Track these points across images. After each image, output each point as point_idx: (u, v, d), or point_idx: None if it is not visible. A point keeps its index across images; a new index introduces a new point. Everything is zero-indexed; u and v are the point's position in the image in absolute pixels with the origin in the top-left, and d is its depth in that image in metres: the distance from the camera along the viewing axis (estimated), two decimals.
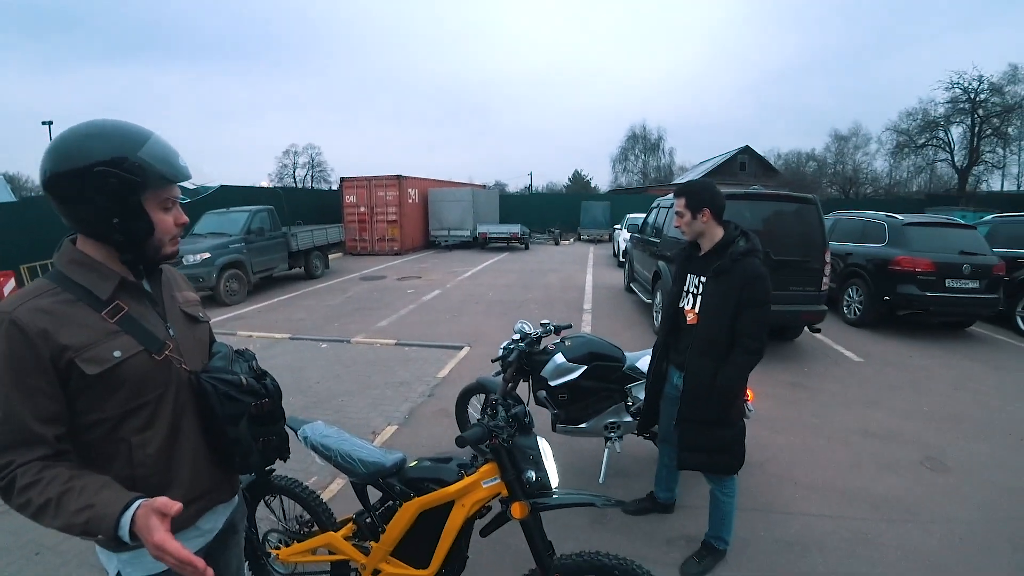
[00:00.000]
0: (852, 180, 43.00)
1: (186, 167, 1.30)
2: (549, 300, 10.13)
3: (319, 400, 5.19)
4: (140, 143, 1.21)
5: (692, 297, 2.68)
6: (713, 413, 2.53)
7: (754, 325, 2.45)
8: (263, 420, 1.46)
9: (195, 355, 1.43)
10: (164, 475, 1.31)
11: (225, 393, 1.35)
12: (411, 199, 20.65)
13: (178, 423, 1.34)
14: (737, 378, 2.49)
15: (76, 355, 1.16)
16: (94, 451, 1.25)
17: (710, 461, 2.62)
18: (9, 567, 2.90)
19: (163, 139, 1.28)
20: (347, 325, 8.38)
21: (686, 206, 2.61)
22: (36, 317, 1.15)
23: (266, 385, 1.48)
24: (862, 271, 8.02)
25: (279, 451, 1.55)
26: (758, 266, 2.46)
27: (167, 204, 1.29)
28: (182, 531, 1.36)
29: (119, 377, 1.22)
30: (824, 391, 5.36)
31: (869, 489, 3.53)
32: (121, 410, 1.24)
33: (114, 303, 1.25)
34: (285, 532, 2.44)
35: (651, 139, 57.25)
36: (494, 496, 1.89)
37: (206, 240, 10.80)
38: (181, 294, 1.50)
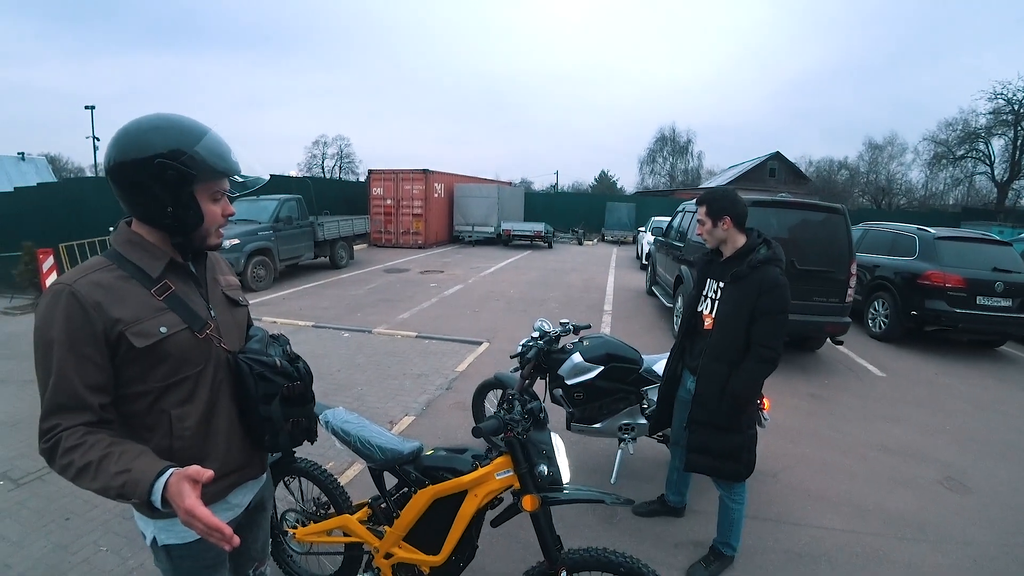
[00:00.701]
0: (885, 190, 42.04)
1: (237, 162, 1.37)
2: (570, 300, 10.14)
3: (339, 387, 5.30)
4: (198, 138, 1.28)
5: (710, 302, 2.69)
6: (723, 418, 2.54)
7: (769, 334, 2.45)
8: (294, 402, 1.50)
9: (234, 336, 1.50)
10: (200, 448, 1.38)
11: (260, 373, 1.42)
12: (437, 193, 20.78)
13: (215, 399, 1.41)
14: (749, 384, 2.49)
15: (126, 328, 1.24)
16: (138, 421, 1.33)
17: (717, 465, 2.63)
18: (42, 529, 3.05)
19: (218, 135, 1.35)
20: (369, 316, 8.50)
21: (707, 214, 2.62)
22: (93, 290, 1.22)
23: (299, 368, 1.53)
24: (889, 284, 7.87)
25: (308, 433, 1.60)
26: (777, 275, 2.46)
27: (216, 195, 1.36)
28: (213, 504, 1.41)
29: (163, 351, 1.29)
30: (843, 404, 5.29)
31: (883, 505, 3.48)
32: (163, 383, 1.31)
33: (163, 282, 1.33)
34: (302, 512, 2.51)
35: (680, 141, 56.72)
36: (506, 488, 1.93)
37: (236, 227, 11.01)
38: (224, 278, 1.57)
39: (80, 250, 10.77)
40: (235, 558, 1.76)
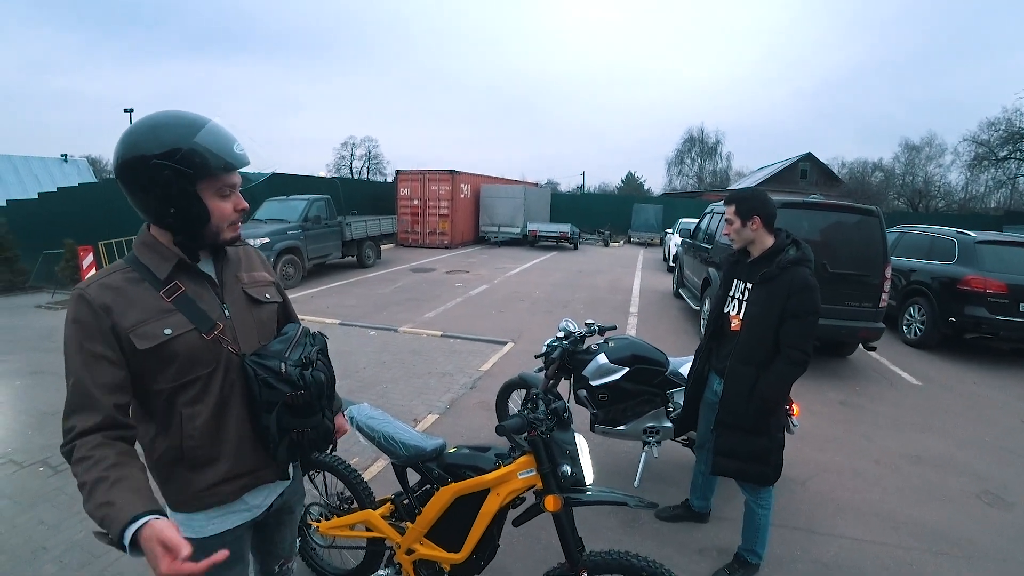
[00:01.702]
0: (922, 193, 40.76)
1: (242, 154, 1.33)
2: (595, 301, 10.08)
3: (365, 385, 5.35)
4: (194, 132, 1.25)
5: (737, 303, 2.65)
6: (750, 421, 2.50)
7: (798, 336, 2.40)
8: (296, 412, 1.43)
9: (252, 336, 1.47)
10: (210, 448, 1.38)
11: (263, 379, 1.38)
12: (463, 194, 20.88)
13: (226, 401, 1.39)
14: (777, 387, 2.45)
15: (131, 330, 1.25)
16: (156, 418, 1.35)
17: (744, 468, 2.58)
18: (77, 515, 3.15)
19: (219, 126, 1.31)
20: (395, 314, 8.58)
21: (736, 213, 2.58)
22: (102, 293, 1.25)
23: (304, 376, 1.43)
24: (926, 289, 7.63)
25: (315, 444, 1.53)
26: (806, 276, 2.41)
27: (224, 191, 1.32)
28: (227, 504, 1.44)
29: (170, 353, 1.29)
30: (875, 412, 5.14)
31: (917, 518, 3.36)
32: (173, 383, 1.32)
33: (172, 283, 1.32)
34: (326, 506, 2.54)
35: (708, 143, 56.10)
36: (529, 488, 1.92)
37: (266, 226, 11.26)
38: (250, 275, 1.54)
39: (118, 247, 11.11)
40: (261, 555, 1.80)
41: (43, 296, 11.07)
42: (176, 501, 1.42)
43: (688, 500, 3.22)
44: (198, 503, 1.41)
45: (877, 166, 46.55)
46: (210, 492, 1.40)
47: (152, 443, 1.38)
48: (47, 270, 11.81)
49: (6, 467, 3.77)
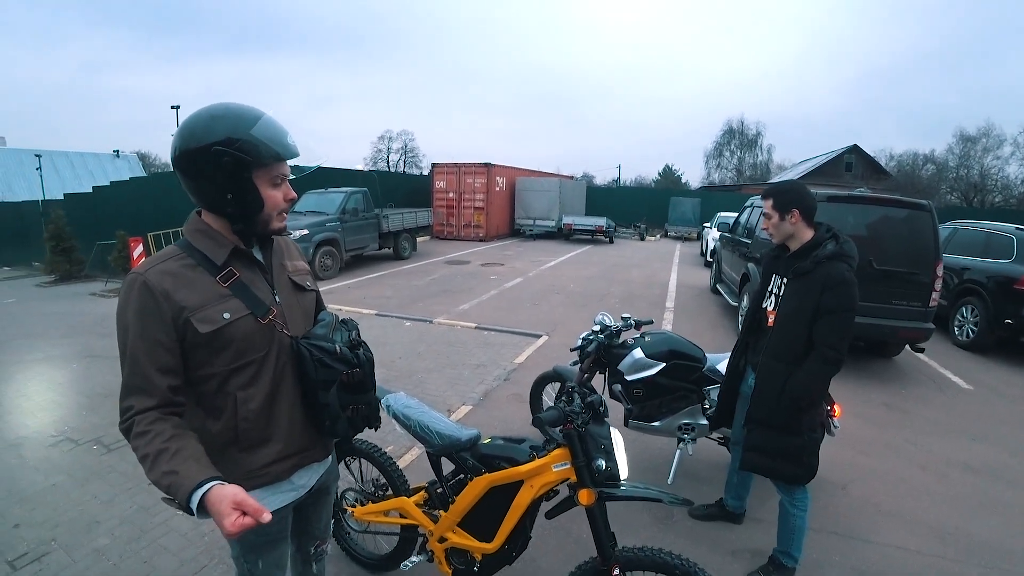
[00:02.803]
0: (978, 187, 38.74)
1: (294, 145, 1.36)
2: (631, 295, 9.97)
3: (400, 375, 5.42)
4: (252, 123, 1.29)
5: (774, 298, 2.59)
6: (780, 418, 2.44)
7: (832, 333, 2.32)
8: (353, 389, 1.50)
9: (299, 321, 1.52)
10: (264, 430, 1.43)
11: (319, 359, 1.43)
12: (498, 187, 20.89)
13: (278, 383, 1.44)
14: (808, 385, 2.38)
15: (192, 314, 1.29)
16: (207, 402, 1.39)
17: (773, 466, 2.51)
18: (128, 491, 3.30)
19: (273, 119, 1.35)
20: (430, 306, 8.66)
21: (774, 207, 2.52)
22: (162, 279, 1.29)
23: (358, 355, 1.51)
24: (980, 289, 7.26)
25: (368, 420, 1.60)
26: (843, 271, 2.33)
27: (276, 180, 1.36)
28: (277, 484, 1.49)
29: (227, 337, 1.33)
30: (922, 417, 4.92)
31: (964, 529, 3.20)
32: (228, 367, 1.36)
33: (227, 269, 1.36)
34: (361, 492, 2.59)
35: (748, 134, 54.54)
36: (562, 481, 1.91)
37: (305, 218, 11.51)
38: (292, 263, 1.59)
39: (165, 238, 11.54)
40: (298, 536, 1.83)
41: (97, 284, 11.59)
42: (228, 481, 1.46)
43: (723, 499, 3.16)
44: (249, 482, 1.42)
45: (928, 158, 44.36)
46: (262, 471, 1.45)
47: (203, 427, 1.40)
48: (101, 260, 12.35)
49: (63, 444, 3.96)
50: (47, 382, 5.40)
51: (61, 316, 8.54)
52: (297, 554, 1.94)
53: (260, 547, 1.56)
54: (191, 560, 2.73)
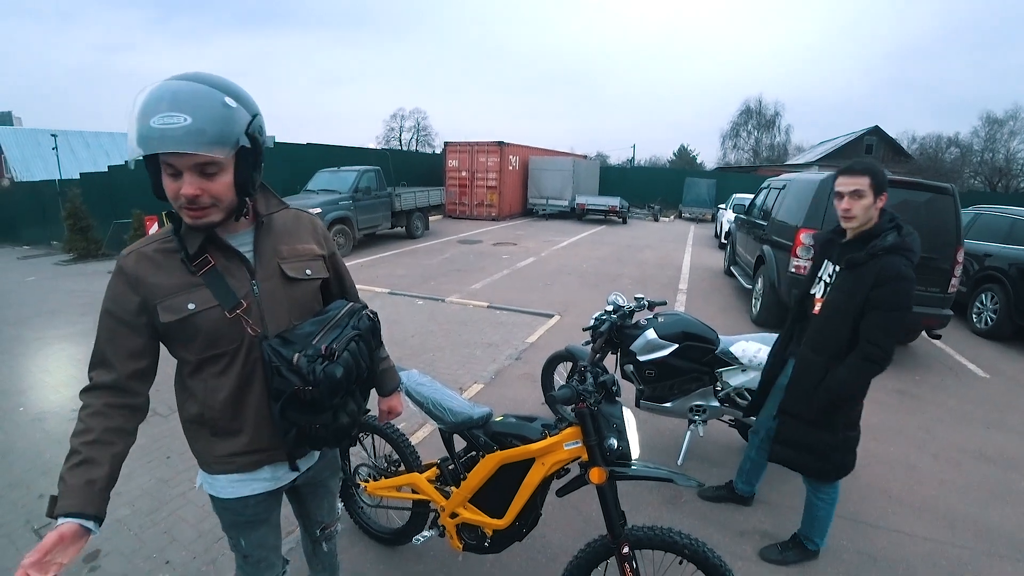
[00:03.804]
0: (1003, 171, 37.81)
1: (157, 128, 1.10)
2: (644, 277, 9.92)
3: (412, 353, 5.46)
4: (134, 104, 1.13)
5: (823, 285, 2.45)
6: (812, 413, 2.35)
7: (879, 330, 2.17)
8: (302, 407, 1.34)
9: (282, 315, 1.41)
10: (229, 422, 1.40)
11: (275, 367, 1.32)
12: (511, 166, 20.75)
13: (248, 378, 1.38)
14: (848, 382, 2.26)
15: (159, 302, 1.27)
16: (185, 383, 1.40)
17: (801, 460, 2.46)
18: (147, 464, 3.37)
19: (151, 94, 1.13)
20: (443, 285, 8.68)
21: (871, 186, 2.23)
22: (138, 263, 1.28)
23: (315, 371, 1.31)
24: (1002, 276, 7.10)
25: (324, 442, 1.46)
26: (899, 266, 2.16)
27: (166, 168, 1.20)
28: (248, 472, 1.46)
29: (193, 327, 1.30)
30: (937, 404, 4.85)
31: (976, 517, 3.16)
32: (199, 356, 1.34)
33: (202, 256, 1.30)
34: (374, 468, 2.62)
35: (766, 114, 53.44)
36: (574, 459, 1.91)
37: (318, 196, 11.54)
38: (292, 247, 1.47)
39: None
40: (302, 520, 1.87)
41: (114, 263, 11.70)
42: (201, 460, 1.49)
43: (732, 482, 3.15)
44: (216, 467, 1.46)
45: (952, 141, 43.26)
46: (227, 460, 1.44)
47: (183, 404, 1.44)
48: (118, 238, 12.49)
49: None
50: (67, 358, 5.50)
51: (80, 294, 8.67)
52: (306, 535, 1.97)
53: (238, 526, 1.57)
54: (208, 531, 2.79)
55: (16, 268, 11.61)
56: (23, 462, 3.47)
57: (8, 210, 17.82)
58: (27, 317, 7.10)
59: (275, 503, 1.61)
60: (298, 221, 1.54)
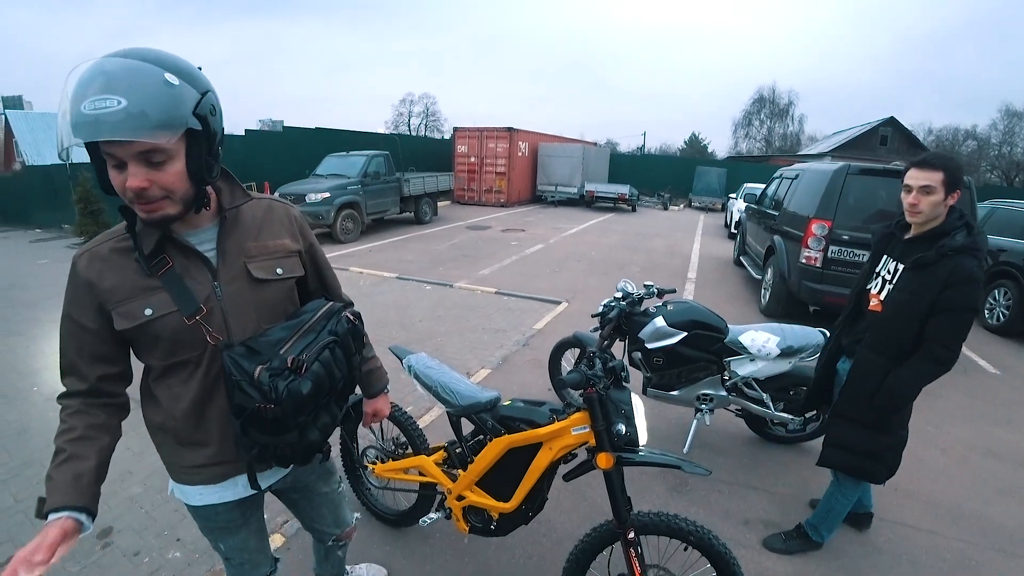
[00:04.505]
0: (1021, 165, 37.14)
1: (96, 114, 0.97)
2: (652, 265, 9.88)
3: (420, 337, 5.48)
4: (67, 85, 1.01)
5: (882, 281, 2.33)
6: (871, 416, 2.28)
7: (950, 332, 2.10)
8: (263, 426, 1.24)
9: (249, 319, 1.31)
10: (191, 433, 1.32)
11: (236, 381, 1.21)
12: (521, 152, 20.65)
13: (212, 388, 1.29)
14: (912, 386, 2.20)
15: (114, 307, 1.18)
16: (150, 389, 1.33)
17: (857, 464, 2.38)
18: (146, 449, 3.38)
19: (82, 73, 1.01)
20: (451, 270, 8.69)
21: (944, 182, 2.09)
22: (91, 265, 1.18)
23: (277, 387, 1.20)
24: (1016, 271, 6.98)
25: (290, 460, 1.38)
26: (971, 268, 2.05)
27: (109, 159, 1.07)
28: (215, 483, 1.39)
29: (152, 334, 1.21)
30: (945, 399, 4.77)
31: (981, 513, 3.14)
32: (163, 363, 1.26)
33: (159, 257, 1.20)
34: (381, 450, 2.64)
35: (780, 103, 52.77)
36: (581, 444, 1.92)
37: (327, 181, 11.56)
38: (261, 244, 1.35)
39: None
40: (310, 530, 1.87)
41: None
42: (169, 468, 1.42)
43: None
44: (184, 477, 1.39)
45: (970, 134, 42.53)
46: (192, 471, 1.37)
47: (147, 410, 1.37)
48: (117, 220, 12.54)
49: None
50: None
51: None
52: (319, 544, 1.99)
53: (213, 531, 1.51)
54: None
55: (29, 251, 11.72)
56: (38, 440, 3.52)
57: (20, 194, 17.94)
58: (40, 299, 7.18)
59: (252, 508, 1.54)
60: (270, 213, 1.40)
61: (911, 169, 2.19)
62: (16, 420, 3.80)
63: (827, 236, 5.55)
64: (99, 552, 2.55)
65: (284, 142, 15.57)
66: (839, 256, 5.54)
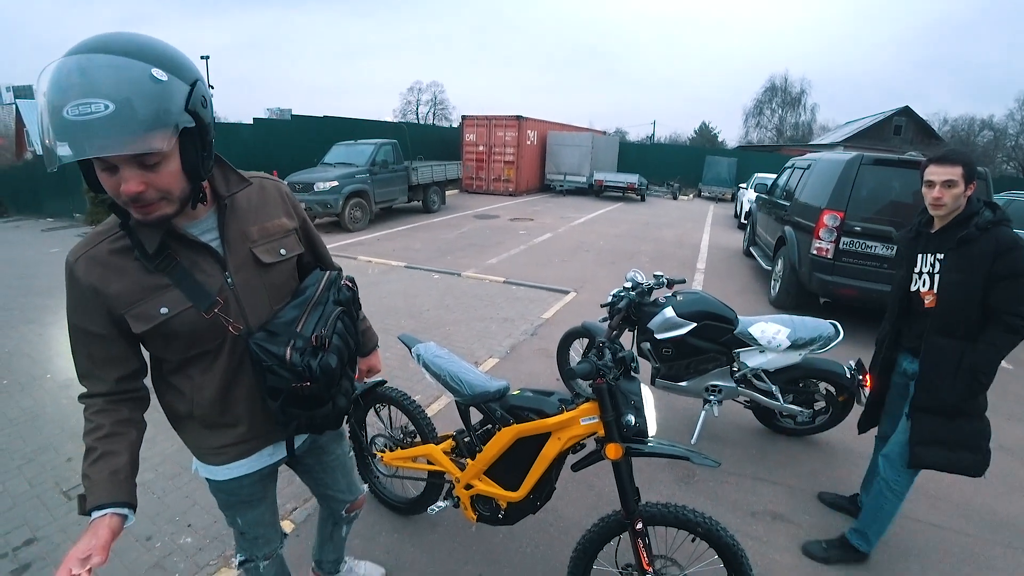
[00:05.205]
0: None
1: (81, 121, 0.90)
2: (661, 255, 9.83)
3: (428, 326, 5.49)
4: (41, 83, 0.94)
5: (928, 278, 2.33)
6: (955, 398, 2.22)
7: (1016, 299, 2.10)
8: (301, 402, 1.31)
9: (263, 304, 1.33)
10: (220, 417, 1.35)
11: (268, 367, 1.25)
12: (529, 141, 20.54)
13: (235, 373, 1.32)
14: (994, 359, 2.16)
15: (125, 311, 1.16)
16: (169, 381, 1.34)
17: (952, 458, 2.29)
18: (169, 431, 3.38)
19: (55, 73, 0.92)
20: (459, 259, 8.69)
21: (963, 176, 2.19)
22: (90, 270, 1.14)
23: (310, 366, 1.26)
24: None
25: (324, 426, 1.45)
26: (1011, 234, 2.12)
27: (99, 164, 1.01)
28: (248, 457, 1.45)
29: (171, 331, 1.20)
30: None
31: (992, 508, 3.11)
32: (181, 356, 1.27)
33: (164, 254, 1.17)
34: (390, 438, 2.65)
35: (792, 92, 52.16)
36: (590, 434, 1.91)
37: (335, 169, 11.56)
38: (261, 226, 1.34)
39: None
40: (321, 499, 1.90)
41: None
42: (194, 451, 1.46)
43: (858, 495, 2.95)
44: (212, 458, 1.43)
45: (986, 124, 41.89)
46: (220, 451, 1.41)
47: (168, 402, 1.39)
48: None
49: None
50: None
51: None
52: (328, 516, 2.00)
53: (233, 506, 1.56)
54: None
55: (40, 240, 11.82)
56: (51, 427, 3.57)
57: (31, 183, 18.05)
58: (52, 287, 7.23)
59: (271, 481, 1.61)
60: (263, 194, 1.39)
61: (931, 165, 2.28)
62: (30, 407, 3.85)
63: (839, 227, 5.48)
64: None
65: (292, 130, 15.56)
66: (851, 247, 5.48)
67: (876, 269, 5.40)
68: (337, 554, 2.16)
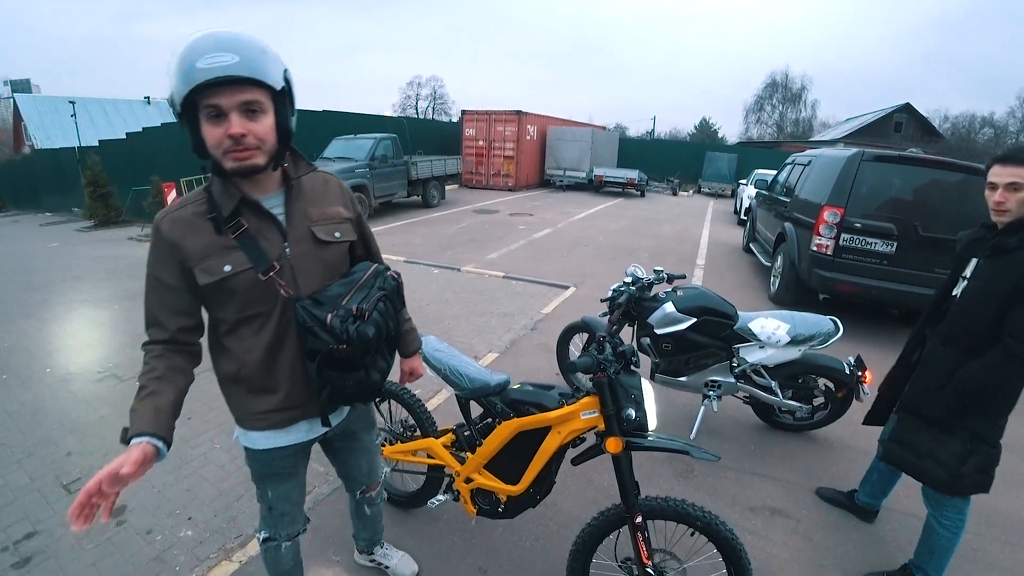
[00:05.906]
0: None
1: (207, 67, 1.13)
2: (661, 250, 9.82)
3: (428, 321, 5.49)
4: (177, 53, 1.17)
5: (964, 281, 2.20)
6: (939, 411, 2.11)
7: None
8: (336, 365, 1.39)
9: (314, 276, 1.45)
10: (263, 380, 1.46)
11: (309, 328, 1.36)
12: (529, 136, 20.50)
13: (282, 338, 1.43)
14: (982, 379, 1.98)
15: (195, 265, 1.31)
16: (221, 343, 1.46)
17: (917, 464, 2.21)
18: None
19: (200, 38, 1.17)
20: (459, 254, 8.68)
21: None
22: (173, 227, 1.32)
23: (348, 330, 1.36)
24: None
25: (356, 398, 1.52)
26: None
27: (209, 112, 1.20)
28: (282, 428, 1.54)
29: (229, 289, 1.35)
30: None
31: (990, 504, 3.02)
32: (236, 316, 1.40)
33: (235, 220, 1.33)
34: (390, 432, 2.65)
35: (792, 88, 52.04)
36: (590, 429, 1.91)
37: (334, 164, 11.55)
38: (321, 210, 1.50)
39: (197, 183, 11.69)
40: (343, 479, 1.98)
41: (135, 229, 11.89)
42: (237, 417, 1.57)
43: (855, 491, 2.91)
44: (252, 424, 1.53)
45: (987, 121, 41.77)
46: (260, 417, 1.51)
47: (219, 363, 1.50)
48: (137, 205, 12.62)
49: (109, 380, 4.15)
50: (91, 322, 5.63)
51: (101, 260, 8.82)
52: (351, 496, 2.07)
53: (266, 478, 1.66)
54: (229, 491, 2.87)
55: (39, 234, 11.83)
56: (51, 421, 3.57)
57: (29, 178, 18.04)
58: (52, 282, 7.25)
59: (303, 458, 1.70)
60: (326, 184, 1.56)
61: (995, 166, 2.06)
62: (30, 401, 3.85)
63: (839, 224, 5.47)
64: (113, 530, 2.59)
65: None
66: (851, 244, 5.47)
67: (876, 266, 5.40)
68: (369, 534, 2.24)
